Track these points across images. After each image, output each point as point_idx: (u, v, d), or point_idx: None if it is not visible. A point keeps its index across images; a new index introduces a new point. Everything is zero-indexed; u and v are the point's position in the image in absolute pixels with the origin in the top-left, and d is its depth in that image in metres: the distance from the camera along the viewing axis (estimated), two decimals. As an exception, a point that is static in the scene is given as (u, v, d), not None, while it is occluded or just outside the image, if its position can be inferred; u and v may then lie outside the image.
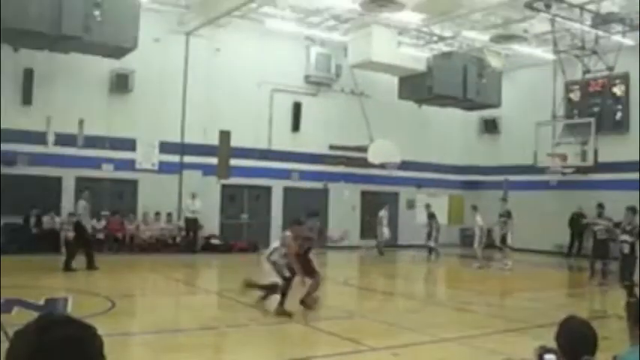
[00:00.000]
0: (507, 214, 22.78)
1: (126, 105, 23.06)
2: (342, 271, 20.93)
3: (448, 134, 30.99)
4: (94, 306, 11.46)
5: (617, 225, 17.80)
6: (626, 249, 14.95)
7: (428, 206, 25.61)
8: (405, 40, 24.83)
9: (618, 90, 26.49)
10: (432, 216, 24.78)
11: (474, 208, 24.19)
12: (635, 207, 15.54)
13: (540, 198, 27.80)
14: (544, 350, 3.88)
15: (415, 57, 25.38)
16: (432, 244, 24.45)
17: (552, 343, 3.87)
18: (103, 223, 22.29)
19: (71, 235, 17.62)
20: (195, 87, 24.16)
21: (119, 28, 19.04)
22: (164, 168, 23.87)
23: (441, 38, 24.76)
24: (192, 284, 17.83)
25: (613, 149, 25.00)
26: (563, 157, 25.61)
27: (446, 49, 25.94)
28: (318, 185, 27.61)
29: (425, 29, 24.21)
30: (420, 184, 29.81)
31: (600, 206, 18.80)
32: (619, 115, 26.51)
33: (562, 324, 3.88)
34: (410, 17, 22.46)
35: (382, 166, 26.45)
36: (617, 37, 22.33)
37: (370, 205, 28.91)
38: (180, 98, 24.09)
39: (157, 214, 23.59)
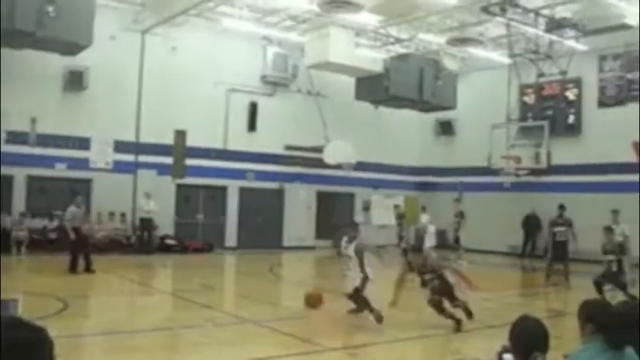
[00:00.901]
0: (461, 215, 23.00)
1: (80, 103, 22.69)
2: (298, 272, 20.91)
3: (404, 135, 31.14)
4: (46, 307, 11.25)
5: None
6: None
7: (397, 207, 25.55)
8: (362, 42, 24.88)
9: (571, 94, 26.93)
10: (401, 217, 24.50)
11: (423, 208, 24.24)
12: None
13: (494, 199, 28.10)
14: (504, 349, 3.93)
15: (372, 58, 25.44)
16: (404, 245, 23.87)
17: (507, 343, 3.91)
18: (56, 223, 21.90)
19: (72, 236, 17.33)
20: (151, 86, 23.88)
21: (74, 25, 18.63)
22: (118, 167, 23.54)
23: (398, 40, 24.86)
24: (146, 285, 17.63)
25: (566, 152, 25.47)
26: (517, 160, 25.98)
27: (402, 50, 26.04)
28: (273, 185, 27.55)
29: (382, 31, 24.29)
30: (375, 185, 29.90)
31: (561, 207, 19.04)
32: (572, 118, 26.94)
33: (515, 323, 3.93)
34: (367, 19, 22.50)
35: (338, 166, 26.48)
36: (571, 42, 22.68)
37: (326, 205, 28.97)
38: (135, 97, 23.77)
39: (111, 213, 23.28)
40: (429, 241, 21.22)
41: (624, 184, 24.09)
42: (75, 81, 22.40)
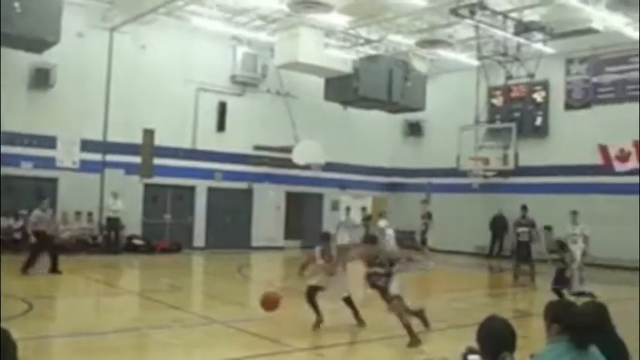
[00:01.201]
0: (428, 216, 23.11)
1: (46, 101, 22.40)
2: (266, 272, 20.87)
3: (373, 136, 31.19)
4: (10, 309, 11.05)
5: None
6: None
7: (364, 209, 25.55)
8: (331, 42, 24.90)
9: (539, 96, 27.25)
10: (368, 218, 24.49)
11: (381, 215, 24.19)
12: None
13: (463, 200, 28.29)
14: (469, 351, 3.95)
15: (341, 59, 25.48)
16: None
17: (473, 343, 3.93)
18: (21, 222, 21.59)
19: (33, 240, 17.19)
20: (119, 84, 23.66)
21: (41, 21, 18.38)
22: (85, 166, 23.27)
23: (368, 41, 24.92)
24: (113, 285, 17.47)
25: (533, 154, 25.73)
26: (485, 161, 26.19)
27: (372, 52, 26.11)
28: (242, 185, 27.46)
29: (351, 32, 24.34)
30: (344, 185, 29.94)
31: (524, 208, 19.24)
32: (539, 120, 27.26)
33: (482, 323, 3.96)
34: (337, 19, 22.54)
35: (307, 167, 26.46)
36: (538, 45, 22.92)
37: (295, 205, 28.97)
38: (103, 95, 23.53)
39: (78, 213, 23.03)
40: (389, 245, 21.30)
41: (590, 186, 24.42)
42: (41, 79, 22.10)
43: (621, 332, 4.94)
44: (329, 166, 27.44)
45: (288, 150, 26.12)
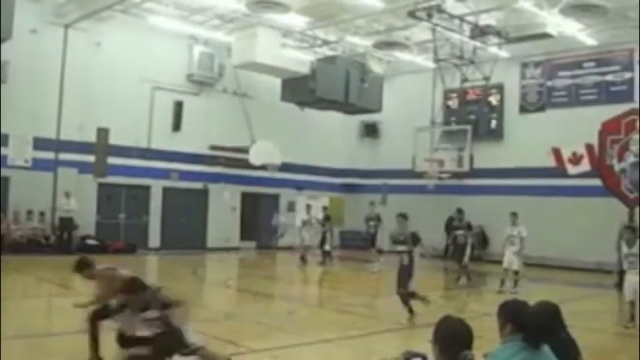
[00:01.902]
0: (377, 218, 23.26)
1: (-2, 98, 22.01)
2: (221, 273, 20.76)
3: (329, 137, 31.26)
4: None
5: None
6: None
7: (325, 209, 25.55)
8: (289, 43, 24.92)
9: (494, 99, 27.61)
10: (327, 218, 24.46)
11: (325, 211, 24.40)
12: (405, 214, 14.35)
13: (418, 202, 28.37)
14: (410, 354, 3.96)
15: (299, 60, 25.49)
16: (327, 247, 23.78)
17: (425, 342, 3.94)
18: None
19: None
20: (73, 81, 23.30)
21: (-9, 17, 18.06)
22: (38, 165, 22.86)
23: (325, 42, 24.99)
24: (65, 286, 17.16)
25: (488, 156, 26.00)
26: (441, 163, 26.35)
27: (329, 53, 26.19)
28: (197, 186, 27.28)
29: (309, 32, 24.38)
30: (300, 186, 29.93)
31: (459, 211, 19.63)
32: (494, 123, 27.61)
33: (439, 324, 3.97)
34: (295, 20, 22.54)
35: (263, 167, 26.40)
36: (494, 49, 23.23)
37: (250, 206, 28.89)
38: (56, 92, 23.15)
39: (30, 212, 22.66)
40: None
41: (543, 188, 24.77)
42: (-5, 75, 21.67)
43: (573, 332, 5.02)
44: (285, 167, 27.41)
45: (244, 150, 26.01)
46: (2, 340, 9.20)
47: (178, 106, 26.41)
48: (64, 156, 23.39)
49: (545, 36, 21.18)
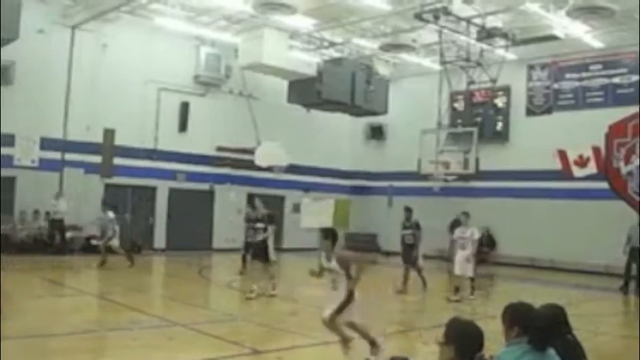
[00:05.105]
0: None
1: (5, 98, 21.90)
2: (227, 274, 20.72)
3: (335, 139, 31.28)
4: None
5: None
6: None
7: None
8: (295, 44, 24.94)
9: (500, 101, 27.60)
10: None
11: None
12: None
13: (423, 204, 28.31)
14: None
15: (305, 61, 25.51)
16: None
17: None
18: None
19: None
20: (80, 82, 23.38)
21: (-1, 17, 18.08)
22: (44, 165, 22.94)
23: (332, 44, 25.00)
24: (69, 286, 17.21)
25: (493, 158, 25.95)
26: (446, 165, 26.27)
27: (336, 55, 26.19)
28: (204, 187, 27.32)
29: (316, 34, 24.39)
30: (306, 188, 29.92)
31: (407, 210, 18.95)
32: (500, 125, 27.59)
33: (451, 326, 3.98)
34: (301, 22, 22.57)
35: (269, 169, 26.41)
36: (500, 51, 23.20)
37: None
38: (63, 93, 23.23)
39: (36, 212, 22.70)
40: None
41: (549, 191, 24.73)
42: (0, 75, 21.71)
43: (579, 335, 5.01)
44: (291, 169, 27.42)
45: (250, 151, 26.04)
46: (5, 340, 9.23)
47: (185, 107, 26.46)
48: (70, 156, 23.45)
49: (551, 38, 21.17)
